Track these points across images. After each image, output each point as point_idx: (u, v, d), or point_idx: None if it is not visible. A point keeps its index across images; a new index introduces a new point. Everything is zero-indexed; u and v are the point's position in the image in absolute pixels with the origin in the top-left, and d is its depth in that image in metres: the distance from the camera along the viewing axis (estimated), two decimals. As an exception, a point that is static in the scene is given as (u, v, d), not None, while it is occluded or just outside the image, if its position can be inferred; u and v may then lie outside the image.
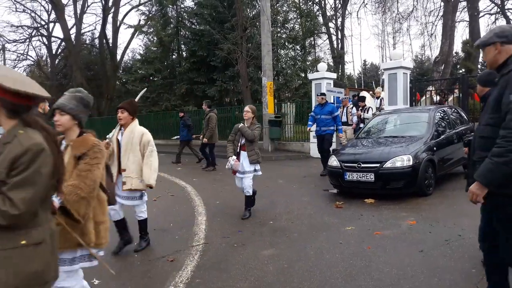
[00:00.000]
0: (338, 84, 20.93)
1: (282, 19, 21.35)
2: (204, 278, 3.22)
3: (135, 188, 3.65)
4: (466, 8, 23.14)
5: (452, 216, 4.57)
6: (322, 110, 7.87)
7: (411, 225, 4.33)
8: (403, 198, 5.49)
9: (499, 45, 2.03)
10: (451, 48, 20.05)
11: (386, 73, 9.75)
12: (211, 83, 17.88)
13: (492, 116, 2.01)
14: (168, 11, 20.18)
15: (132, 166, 3.65)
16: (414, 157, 5.52)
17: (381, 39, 41.01)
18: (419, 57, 37.85)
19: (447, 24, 19.00)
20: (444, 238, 3.82)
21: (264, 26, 11.97)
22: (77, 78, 25.58)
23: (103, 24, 24.79)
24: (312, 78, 11.49)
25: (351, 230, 4.28)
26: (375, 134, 6.84)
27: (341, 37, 27.09)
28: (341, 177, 5.90)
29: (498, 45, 2.03)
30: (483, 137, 2.07)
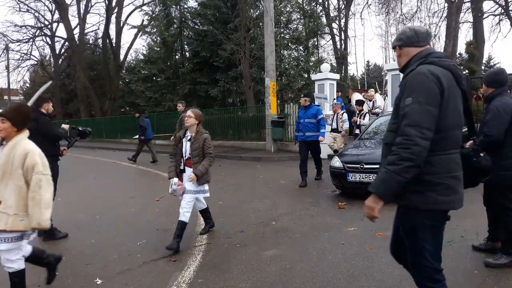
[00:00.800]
0: (341, 85, 20.98)
1: (286, 19, 21.35)
2: (206, 278, 3.24)
3: (10, 229, 2.55)
4: (470, 9, 23.08)
5: (454, 217, 4.49)
6: (306, 114, 7.10)
7: (414, 226, 4.32)
8: (406, 199, 5.47)
9: (398, 49, 1.97)
10: (454, 49, 20.00)
11: (390, 74, 9.74)
12: (214, 83, 17.91)
13: (394, 122, 1.88)
14: (171, 11, 20.24)
15: (10, 199, 2.56)
16: (417, 158, 5.51)
17: (384, 40, 40.91)
18: (422, 58, 37.69)
19: (450, 25, 18.96)
20: (447, 239, 3.79)
21: (267, 26, 11.98)
22: (80, 78, 25.74)
23: (106, 24, 24.93)
24: (315, 79, 11.50)
25: (353, 231, 4.28)
26: (378, 135, 6.83)
27: (344, 38, 27.09)
28: (344, 178, 5.89)
29: (398, 49, 1.98)
30: (386, 144, 1.93)
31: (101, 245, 4.24)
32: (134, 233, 4.63)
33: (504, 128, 3.04)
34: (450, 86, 1.77)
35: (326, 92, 10.82)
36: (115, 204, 6.32)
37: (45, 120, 4.53)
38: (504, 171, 3.11)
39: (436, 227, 1.87)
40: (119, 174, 10.10)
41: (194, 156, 4.00)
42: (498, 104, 3.07)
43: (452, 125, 1.79)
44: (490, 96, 3.18)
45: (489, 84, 3.18)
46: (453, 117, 1.79)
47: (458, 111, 1.82)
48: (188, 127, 4.10)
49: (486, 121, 3.07)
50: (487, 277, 2.96)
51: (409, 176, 1.72)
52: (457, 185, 1.82)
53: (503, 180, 3.14)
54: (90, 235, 4.60)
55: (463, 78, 1.85)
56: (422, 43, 1.90)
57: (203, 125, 4.31)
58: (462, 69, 23.16)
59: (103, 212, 5.74)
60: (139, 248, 4.04)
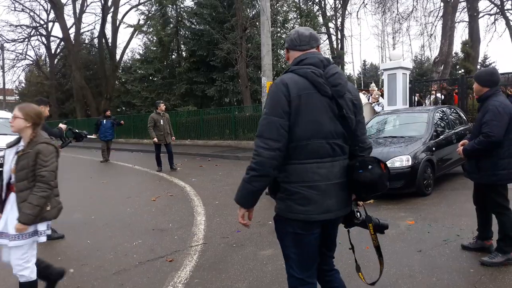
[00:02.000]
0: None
1: (282, 19, 21.34)
2: (202, 278, 3.23)
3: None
4: (465, 8, 23.18)
5: (450, 216, 4.58)
6: None
7: (410, 225, 4.33)
8: (402, 198, 5.49)
9: (286, 51, 1.94)
10: (450, 49, 20.06)
11: (386, 73, 9.77)
12: (211, 83, 17.89)
13: None
14: (167, 10, 20.17)
15: None
16: (413, 157, 5.53)
17: (381, 39, 41.00)
18: (419, 58, 37.90)
19: (446, 25, 19.01)
20: (443, 238, 3.83)
21: (264, 26, 11.93)
22: (76, 78, 25.59)
23: (102, 23, 24.78)
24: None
25: (350, 230, 4.27)
26: (374, 134, 6.85)
27: (341, 38, 27.10)
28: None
29: (286, 51, 1.95)
30: None
31: (97, 245, 4.21)
32: (130, 233, 4.61)
33: (505, 128, 3.06)
34: (303, 95, 1.70)
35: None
36: (111, 204, 6.29)
37: None
38: (500, 170, 3.13)
39: (301, 236, 1.79)
40: (115, 174, 10.06)
41: (19, 180, 2.49)
42: (497, 104, 3.08)
43: (306, 134, 1.71)
44: (485, 95, 3.20)
45: (484, 83, 3.20)
46: (307, 126, 1.71)
47: (315, 120, 1.72)
48: (13, 129, 2.57)
49: (487, 121, 3.07)
50: (483, 276, 2.97)
51: (259, 185, 1.73)
52: (316, 195, 1.73)
53: (500, 179, 3.16)
54: (86, 236, 4.57)
55: (326, 85, 1.73)
56: (304, 47, 1.84)
57: (198, 124, 4.20)
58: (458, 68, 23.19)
59: (99, 212, 5.71)
60: (135, 249, 4.02)
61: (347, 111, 1.76)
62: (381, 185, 1.78)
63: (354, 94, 1.83)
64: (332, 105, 1.74)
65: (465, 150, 3.24)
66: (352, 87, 1.85)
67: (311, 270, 1.87)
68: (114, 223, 5.12)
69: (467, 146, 3.23)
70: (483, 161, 3.17)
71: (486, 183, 3.22)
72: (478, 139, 3.11)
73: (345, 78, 1.80)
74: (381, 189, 1.80)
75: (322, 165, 1.74)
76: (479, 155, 3.17)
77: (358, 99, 1.85)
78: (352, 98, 1.80)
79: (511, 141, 3.14)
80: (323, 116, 1.73)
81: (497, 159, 3.11)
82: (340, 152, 1.79)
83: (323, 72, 1.75)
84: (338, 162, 1.78)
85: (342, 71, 1.89)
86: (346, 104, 1.77)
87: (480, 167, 3.19)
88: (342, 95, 1.76)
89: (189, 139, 17.24)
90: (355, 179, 1.79)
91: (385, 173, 1.78)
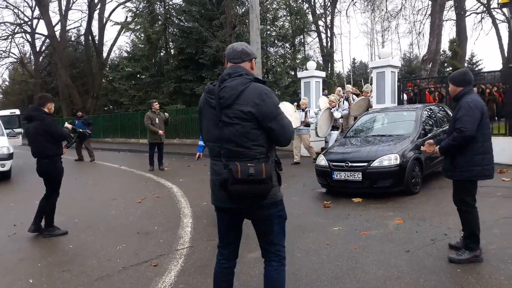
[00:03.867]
0: (327, 82, 21.02)
1: (272, 17, 21.24)
2: (188, 283, 3.14)
3: None
4: (453, 7, 23.45)
5: (438, 214, 4.58)
6: None
7: (398, 224, 4.32)
8: (391, 197, 5.49)
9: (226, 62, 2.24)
10: (438, 47, 20.26)
11: (374, 71, 9.78)
12: (200, 81, 17.69)
13: None
14: (155, 8, 19.86)
15: None
16: (401, 156, 5.53)
17: (370, 37, 41.27)
18: (408, 56, 38.26)
19: (434, 23, 19.18)
20: (430, 238, 3.82)
21: (253, 24, 11.83)
22: (61, 76, 25.11)
23: (88, 21, 24.35)
24: (301, 77, 11.45)
25: (338, 231, 4.24)
26: (363, 132, 6.84)
27: (330, 36, 27.14)
28: (329, 176, 5.87)
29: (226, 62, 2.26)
30: None
31: (79, 250, 4.09)
32: (114, 237, 4.49)
33: (477, 123, 3.14)
34: (203, 108, 2.15)
35: (312, 89, 10.80)
36: (95, 206, 6.15)
37: (50, 119, 4.54)
38: (475, 166, 3.19)
39: (216, 216, 2.30)
40: (101, 175, 9.86)
41: None
42: (469, 100, 3.17)
43: (205, 137, 2.19)
44: (459, 95, 3.28)
45: (459, 83, 3.31)
46: (204, 131, 2.19)
47: (206, 127, 2.14)
48: None
49: (460, 117, 3.17)
50: (470, 276, 2.96)
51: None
52: (213, 186, 2.17)
53: (474, 175, 3.22)
54: (68, 240, 4.44)
55: (212, 98, 2.06)
56: (235, 60, 2.14)
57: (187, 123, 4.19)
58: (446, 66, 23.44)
59: (83, 215, 5.57)
60: (118, 253, 3.91)
61: (230, 119, 2.01)
62: (224, 188, 2.01)
63: (252, 104, 1.99)
64: (218, 114, 2.04)
65: (441, 148, 3.31)
66: (252, 97, 2.00)
67: (222, 243, 2.33)
68: (97, 226, 4.99)
69: (442, 143, 3.30)
70: (458, 158, 3.23)
71: (460, 179, 3.27)
72: (453, 135, 3.20)
73: (235, 91, 2.00)
74: (227, 193, 2.02)
75: (214, 163, 2.14)
76: (454, 151, 3.24)
77: (258, 108, 1.99)
78: (242, 109, 1.99)
79: (485, 136, 3.20)
80: (210, 124, 2.10)
81: (472, 155, 3.17)
82: (230, 154, 2.04)
83: (219, 86, 2.06)
84: (229, 163, 2.02)
85: (238, 85, 2.03)
86: (233, 113, 2.00)
87: (456, 164, 3.25)
88: (226, 106, 2.01)
89: (178, 138, 17.05)
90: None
91: (228, 178, 1.98)
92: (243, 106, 1.99)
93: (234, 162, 2.00)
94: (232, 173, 1.96)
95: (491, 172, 3.27)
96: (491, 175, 3.28)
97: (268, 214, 2.17)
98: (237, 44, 2.20)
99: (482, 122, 3.16)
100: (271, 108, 2.03)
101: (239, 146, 2.02)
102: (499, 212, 4.53)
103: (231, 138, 2.02)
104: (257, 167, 1.99)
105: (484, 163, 3.19)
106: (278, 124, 2.05)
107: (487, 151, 3.23)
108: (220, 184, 2.02)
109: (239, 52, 2.14)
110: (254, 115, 1.99)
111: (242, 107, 1.99)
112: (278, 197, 2.18)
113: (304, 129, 9.19)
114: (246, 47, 2.18)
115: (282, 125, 2.07)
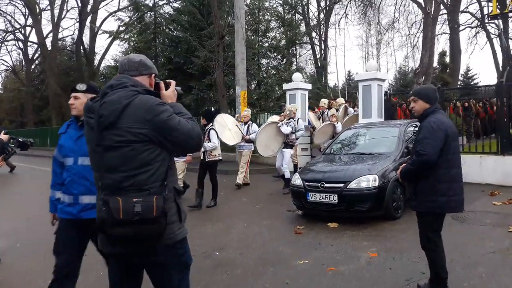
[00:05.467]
0: (320, 95, 20.67)
1: (264, 28, 21.01)
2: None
3: None
4: (447, 21, 23.35)
5: (418, 246, 4.04)
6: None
7: (371, 258, 3.81)
8: (369, 222, 4.99)
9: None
10: (431, 60, 20.02)
11: (360, 84, 9.38)
12: (188, 91, 17.29)
13: None
14: (145, 17, 19.60)
15: None
16: (381, 177, 5.05)
17: (365, 50, 41.25)
18: (403, 69, 38.14)
19: (427, 36, 18.95)
20: (405, 277, 3.32)
21: (238, 34, 11.53)
22: (51, 85, 24.75)
23: (80, 30, 24.13)
24: (286, 89, 11.04)
25: (303, 265, 3.73)
26: (343, 149, 6.37)
27: (324, 48, 26.96)
28: (303, 198, 5.38)
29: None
30: None
31: (8, 281, 3.56)
32: (50, 268, 3.95)
33: (439, 146, 2.70)
34: (85, 131, 1.76)
35: (298, 102, 10.37)
36: (50, 227, 5.60)
37: None
38: (439, 196, 2.74)
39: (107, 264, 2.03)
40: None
41: None
42: (432, 120, 2.77)
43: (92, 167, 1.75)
44: (425, 113, 2.85)
45: (429, 100, 2.85)
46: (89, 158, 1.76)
47: (89, 155, 1.75)
48: None
49: (420, 139, 2.77)
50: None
51: None
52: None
53: (439, 206, 2.76)
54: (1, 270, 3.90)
55: (92, 117, 1.67)
56: (128, 72, 1.81)
57: None
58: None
59: (31, 237, 5.04)
60: None
61: (112, 142, 1.61)
62: (102, 231, 1.62)
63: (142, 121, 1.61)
64: (98, 136, 1.64)
65: (400, 173, 2.89)
66: (139, 113, 1.62)
67: None
68: (42, 251, 4.44)
69: (403, 168, 2.88)
70: (420, 185, 2.80)
71: (422, 210, 2.82)
72: (412, 159, 2.79)
73: (118, 105, 1.61)
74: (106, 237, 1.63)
75: (96, 197, 1.71)
76: (414, 177, 2.82)
77: (150, 125, 1.62)
78: (129, 129, 1.60)
79: (449, 162, 2.75)
80: (90, 149, 1.71)
81: (434, 182, 2.73)
82: (110, 186, 1.62)
83: (99, 101, 1.67)
84: (108, 198, 1.60)
85: (120, 99, 1.63)
86: (116, 134, 1.61)
87: (417, 191, 2.81)
88: (107, 126, 1.62)
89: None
90: None
91: (106, 218, 1.57)
92: (130, 125, 1.61)
93: (115, 197, 1.58)
94: (111, 212, 1.55)
95: (459, 204, 2.82)
96: (459, 208, 2.83)
97: (163, 261, 1.71)
98: (134, 55, 1.88)
99: (447, 145, 2.73)
100: (167, 121, 1.65)
101: (124, 176, 1.62)
102: (486, 244, 4.03)
103: (112, 165, 1.63)
104: (145, 202, 1.56)
105: (450, 193, 2.74)
106: (180, 132, 1.67)
107: (454, 179, 2.77)
108: (97, 226, 1.62)
109: (136, 62, 1.80)
110: (147, 134, 1.62)
111: (129, 126, 1.61)
112: (177, 236, 1.71)
113: (246, 145, 8.24)
114: (145, 59, 1.84)
115: (184, 132, 1.67)
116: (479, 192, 6.51)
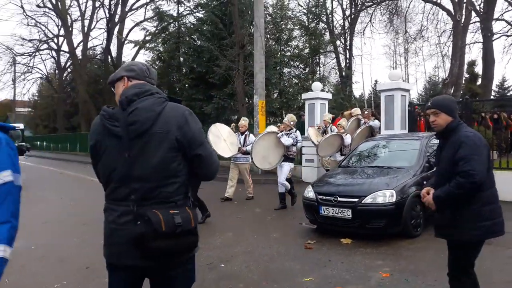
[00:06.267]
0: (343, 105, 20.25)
1: (287, 36, 20.98)
2: None
3: None
4: (479, 29, 22.40)
5: (436, 267, 3.77)
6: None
7: (383, 278, 3.56)
8: (385, 240, 4.71)
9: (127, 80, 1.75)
10: (461, 70, 19.25)
11: (383, 94, 9.07)
12: (209, 100, 17.48)
13: None
14: (169, 27, 20.09)
15: None
16: (399, 192, 4.77)
17: (392, 59, 40.27)
18: (433, 79, 36.85)
19: (457, 45, 18.29)
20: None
21: (257, 43, 11.53)
22: (80, 92, 25.76)
23: (108, 39, 25.06)
24: (305, 98, 10.88)
25: (309, 282, 3.54)
26: (360, 162, 6.11)
27: (349, 57, 26.56)
28: (316, 211, 5.18)
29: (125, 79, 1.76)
30: None
31: (15, 286, 3.59)
32: (59, 270, 4.00)
33: (487, 164, 2.37)
34: (101, 140, 1.65)
35: (317, 112, 10.18)
36: (61, 232, 5.71)
37: None
38: (484, 221, 2.38)
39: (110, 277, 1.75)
40: (90, 194, 9.50)
41: None
42: (470, 134, 2.41)
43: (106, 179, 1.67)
44: (450, 126, 2.49)
45: (452, 112, 2.52)
46: (105, 170, 1.66)
47: (107, 165, 1.65)
48: None
49: (464, 156, 2.35)
50: None
51: None
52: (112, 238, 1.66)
53: (484, 233, 2.41)
54: (11, 272, 3.94)
55: (116, 125, 1.60)
56: (137, 77, 1.75)
57: None
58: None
59: (43, 241, 5.14)
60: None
61: (144, 150, 1.57)
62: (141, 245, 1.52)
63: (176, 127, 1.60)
64: (127, 145, 1.58)
65: (437, 199, 2.43)
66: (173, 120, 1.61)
67: None
68: (51, 255, 4.52)
69: (440, 192, 2.43)
70: (462, 211, 2.41)
71: (467, 240, 2.44)
72: (456, 181, 2.35)
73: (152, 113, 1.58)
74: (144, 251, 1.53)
75: (114, 208, 1.64)
76: (456, 203, 2.41)
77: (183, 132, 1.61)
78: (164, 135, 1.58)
79: (492, 182, 2.44)
80: (114, 158, 1.62)
81: (480, 207, 2.38)
82: (143, 197, 1.57)
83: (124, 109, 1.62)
84: (143, 210, 1.55)
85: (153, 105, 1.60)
86: (149, 141, 1.57)
87: (459, 219, 2.42)
88: (141, 133, 1.57)
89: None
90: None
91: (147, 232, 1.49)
92: (164, 130, 1.59)
93: (152, 210, 1.53)
94: (153, 225, 1.50)
95: (502, 227, 2.47)
96: (502, 231, 2.47)
97: (174, 275, 1.66)
98: (136, 61, 1.91)
99: (490, 162, 2.43)
100: (197, 132, 1.66)
101: (157, 186, 1.59)
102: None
103: (145, 175, 1.58)
104: (182, 214, 1.56)
105: (494, 216, 2.41)
106: (207, 149, 1.68)
107: (495, 200, 2.45)
108: (135, 240, 1.53)
109: (143, 68, 1.76)
110: (180, 141, 1.60)
111: (165, 131, 1.59)
112: (195, 251, 1.70)
113: (243, 157, 7.63)
114: (150, 66, 1.84)
115: (210, 152, 1.69)
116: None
